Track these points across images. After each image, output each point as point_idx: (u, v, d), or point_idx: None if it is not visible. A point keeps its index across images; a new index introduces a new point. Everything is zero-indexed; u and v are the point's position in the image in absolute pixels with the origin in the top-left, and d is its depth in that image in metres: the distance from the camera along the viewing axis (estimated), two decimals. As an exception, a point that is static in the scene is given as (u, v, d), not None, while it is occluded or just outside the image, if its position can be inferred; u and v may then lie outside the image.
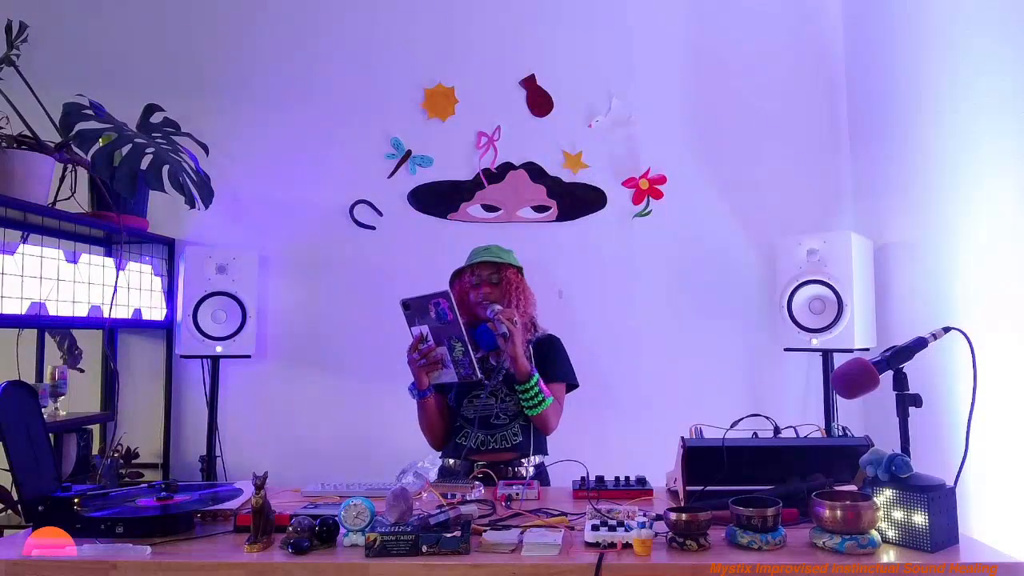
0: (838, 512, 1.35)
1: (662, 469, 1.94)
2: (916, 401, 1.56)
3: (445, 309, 2.01)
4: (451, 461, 2.27)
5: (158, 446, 3.12)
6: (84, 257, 2.61)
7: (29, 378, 2.72)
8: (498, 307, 2.20)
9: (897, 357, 1.57)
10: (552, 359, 2.32)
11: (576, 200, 3.21)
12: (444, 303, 2.01)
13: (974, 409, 1.53)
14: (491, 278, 2.29)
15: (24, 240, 2.43)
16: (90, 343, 3.01)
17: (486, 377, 2.26)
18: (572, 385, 2.38)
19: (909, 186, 2.76)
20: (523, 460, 2.24)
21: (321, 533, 1.41)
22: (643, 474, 1.91)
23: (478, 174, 3.22)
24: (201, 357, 2.94)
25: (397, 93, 3.25)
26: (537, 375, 2.18)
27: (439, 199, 3.22)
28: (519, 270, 2.34)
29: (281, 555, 1.37)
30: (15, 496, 2.17)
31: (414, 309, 2.05)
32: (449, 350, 2.06)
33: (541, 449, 2.30)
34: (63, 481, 1.62)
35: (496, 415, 2.25)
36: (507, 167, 3.23)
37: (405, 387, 2.26)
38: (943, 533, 1.35)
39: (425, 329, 2.06)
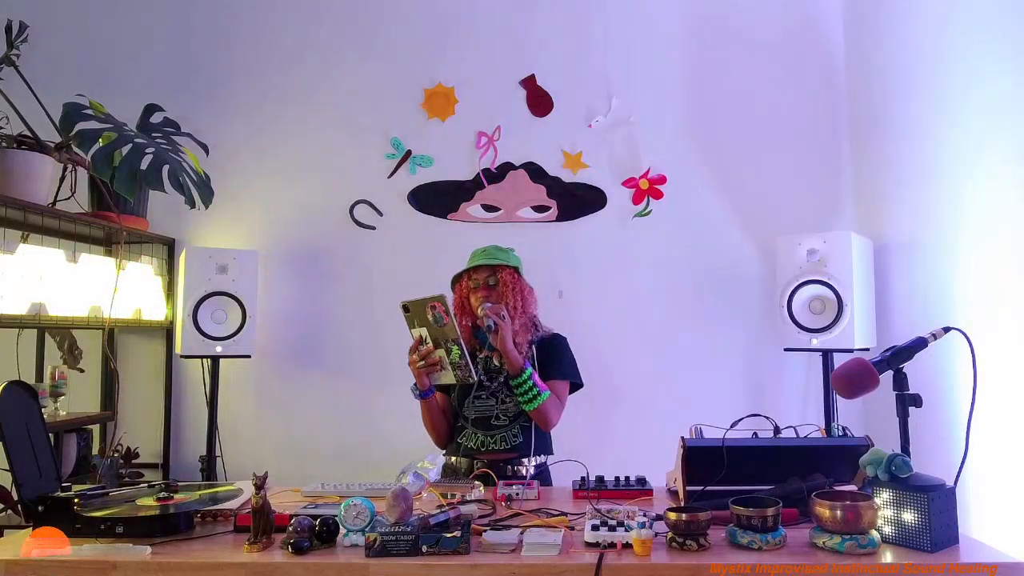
0: (838, 512, 1.35)
1: (662, 469, 1.94)
2: (916, 401, 1.56)
3: (441, 313, 2.02)
4: (453, 459, 2.28)
5: (158, 446, 3.12)
6: (84, 257, 2.61)
7: (29, 378, 2.72)
8: (488, 304, 2.20)
9: (897, 357, 1.57)
10: (555, 357, 2.31)
11: (576, 200, 3.21)
12: (439, 307, 2.02)
13: (974, 409, 1.53)
14: (488, 280, 2.28)
15: (24, 240, 2.43)
16: (90, 343, 3.02)
17: (488, 378, 2.26)
18: (577, 385, 2.36)
19: (909, 186, 2.76)
20: (523, 460, 2.24)
21: (321, 533, 1.41)
22: (643, 474, 1.91)
23: (478, 174, 3.22)
24: (201, 357, 2.93)
25: (397, 93, 3.25)
26: (531, 369, 2.17)
27: (439, 199, 3.22)
28: (515, 269, 2.33)
29: (281, 555, 1.37)
30: (15, 496, 2.16)
31: (413, 312, 2.06)
32: (447, 353, 2.06)
33: (544, 449, 2.30)
34: (63, 481, 1.62)
35: (496, 416, 2.25)
36: (507, 167, 3.23)
37: (405, 387, 2.26)
38: (943, 533, 1.35)
39: (424, 331, 2.07)
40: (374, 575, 1.33)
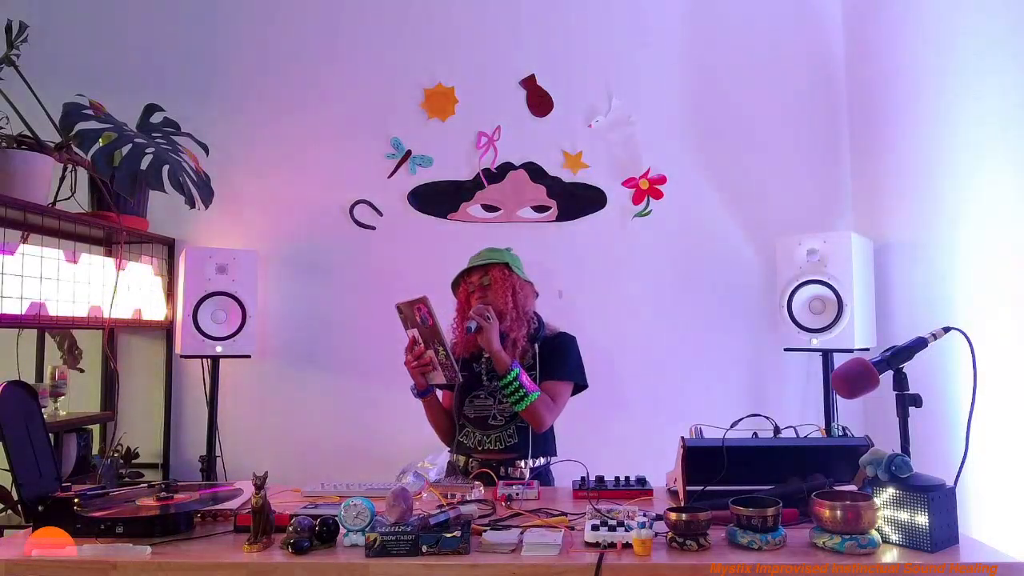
0: (838, 512, 1.35)
1: (662, 469, 1.94)
2: (916, 401, 1.56)
3: (425, 314, 2.03)
4: (454, 457, 2.28)
5: (158, 446, 3.12)
6: (84, 257, 2.61)
7: (29, 378, 2.72)
8: (479, 307, 2.19)
9: (897, 357, 1.57)
10: (557, 356, 2.29)
11: (576, 200, 3.21)
12: (423, 308, 2.03)
13: (974, 409, 1.53)
14: (482, 281, 2.28)
15: (24, 240, 2.43)
16: (90, 343, 3.01)
17: (488, 378, 2.26)
18: (580, 386, 2.33)
19: (909, 186, 2.76)
20: (519, 461, 2.22)
21: (321, 533, 1.41)
22: (643, 474, 1.91)
23: (478, 174, 3.22)
24: (201, 357, 2.93)
25: (397, 93, 3.25)
26: (517, 370, 2.13)
27: (439, 199, 3.22)
28: (505, 265, 2.29)
29: (281, 555, 1.37)
30: (15, 496, 2.17)
31: (405, 313, 2.08)
32: (435, 353, 2.07)
33: (545, 450, 2.28)
34: (63, 481, 1.62)
35: (493, 416, 2.25)
36: (507, 167, 3.23)
37: (405, 387, 2.26)
38: (943, 533, 1.36)
39: (416, 332, 2.08)
40: (374, 575, 1.33)
